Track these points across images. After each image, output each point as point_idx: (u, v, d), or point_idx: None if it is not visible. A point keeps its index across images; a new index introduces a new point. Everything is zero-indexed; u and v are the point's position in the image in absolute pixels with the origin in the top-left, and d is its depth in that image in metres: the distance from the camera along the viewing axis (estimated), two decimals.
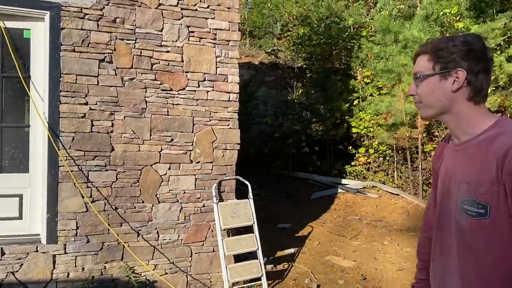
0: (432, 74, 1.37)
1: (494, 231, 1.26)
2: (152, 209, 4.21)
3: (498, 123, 1.32)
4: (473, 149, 1.34)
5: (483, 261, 1.29)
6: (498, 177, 1.22)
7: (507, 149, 1.20)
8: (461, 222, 1.34)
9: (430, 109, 1.41)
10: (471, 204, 1.29)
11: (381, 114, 8.29)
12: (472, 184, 1.30)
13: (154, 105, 4.19)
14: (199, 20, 4.36)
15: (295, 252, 5.40)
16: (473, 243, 1.31)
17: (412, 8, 10.20)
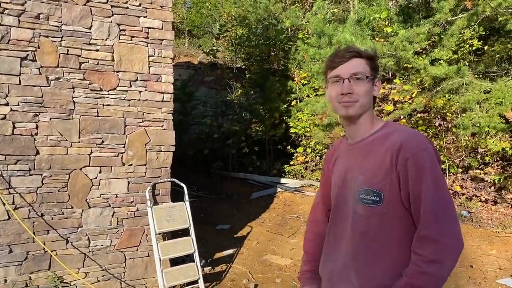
0: (373, 78, 1.52)
1: (387, 216, 1.41)
2: (82, 215, 4.02)
3: (386, 125, 1.53)
4: (368, 146, 1.51)
5: (377, 246, 1.44)
6: (392, 168, 1.39)
7: (400, 144, 1.39)
8: (358, 211, 1.47)
9: (361, 108, 1.50)
10: (367, 193, 1.44)
11: (317, 114, 8.51)
12: (367, 176, 1.45)
13: (83, 106, 4.01)
14: (130, 18, 4.22)
15: (234, 253, 5.40)
16: (368, 229, 1.45)
17: (346, 12, 10.60)
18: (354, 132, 1.56)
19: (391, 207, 1.40)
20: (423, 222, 1.34)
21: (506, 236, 5.86)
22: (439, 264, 1.31)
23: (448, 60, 7.96)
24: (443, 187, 1.37)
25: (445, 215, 1.34)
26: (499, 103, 5.99)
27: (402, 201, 1.39)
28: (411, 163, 1.35)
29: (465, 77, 6.45)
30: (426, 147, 1.39)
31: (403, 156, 1.37)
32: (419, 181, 1.35)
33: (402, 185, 1.37)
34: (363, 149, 1.52)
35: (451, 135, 7.89)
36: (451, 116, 7.76)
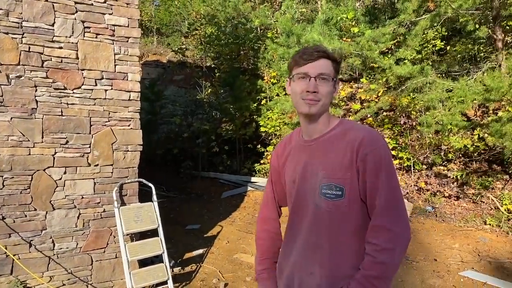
0: (335, 80, 1.57)
1: (348, 210, 1.48)
2: (46, 217, 3.91)
3: (342, 123, 1.59)
4: (327, 142, 1.56)
5: (338, 238, 1.50)
6: (352, 163, 1.46)
7: (361, 140, 1.47)
8: (321, 205, 1.52)
9: (322, 107, 1.55)
10: (330, 188, 1.50)
11: (287, 113, 8.57)
12: (329, 171, 1.51)
13: (46, 105, 3.89)
14: (95, 15, 4.13)
15: (204, 252, 5.38)
16: (330, 222, 1.51)
17: (314, 12, 10.72)
18: (312, 130, 1.60)
19: (352, 200, 1.47)
20: (376, 212, 1.43)
21: (468, 230, 6.09)
22: (392, 251, 1.39)
23: (413, 60, 8.19)
24: (396, 181, 1.48)
25: (397, 207, 1.44)
26: (460, 102, 6.21)
27: (360, 194, 1.47)
28: (370, 158, 1.44)
29: (429, 76, 6.65)
30: (383, 143, 1.48)
31: (363, 151, 1.45)
32: (376, 174, 1.44)
33: (361, 179, 1.46)
34: (322, 145, 1.57)
35: (416, 132, 8.12)
36: (415, 114, 7.99)
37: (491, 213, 6.45)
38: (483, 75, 6.70)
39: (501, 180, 7.03)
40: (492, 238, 5.77)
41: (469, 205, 6.86)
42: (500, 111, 6.81)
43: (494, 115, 6.91)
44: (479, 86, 5.92)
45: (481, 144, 7.07)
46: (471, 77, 6.94)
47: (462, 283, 4.49)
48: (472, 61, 8.40)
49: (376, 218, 1.43)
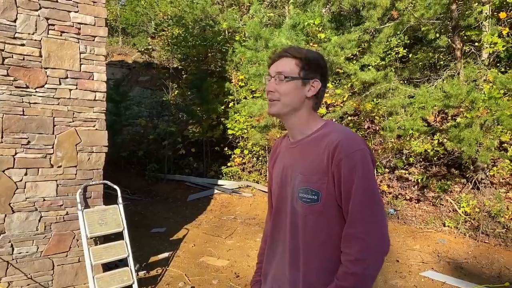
0: (298, 78, 1.51)
1: (324, 215, 1.45)
2: (5, 220, 3.75)
3: (326, 125, 1.55)
4: (307, 145, 1.53)
5: (313, 243, 1.48)
6: (328, 167, 1.42)
7: (336, 144, 1.42)
8: (297, 209, 1.50)
9: (284, 107, 1.53)
10: (306, 192, 1.47)
11: (254, 116, 8.62)
12: (306, 175, 1.48)
13: (7, 104, 3.74)
14: (60, 12, 4.01)
15: (170, 256, 5.31)
16: (305, 227, 1.48)
17: (281, 17, 10.84)
18: (292, 131, 1.59)
19: (328, 205, 1.43)
20: (349, 220, 1.39)
21: (428, 232, 6.31)
22: (364, 262, 1.35)
23: (377, 66, 8.43)
24: (373, 187, 1.41)
25: (371, 215, 1.38)
26: (421, 108, 6.44)
27: (336, 200, 1.43)
28: (345, 163, 1.38)
29: (392, 82, 6.86)
30: (360, 148, 1.42)
31: (337, 156, 1.40)
32: (351, 180, 1.38)
33: (336, 184, 1.41)
34: (303, 148, 1.54)
35: (379, 137, 8.36)
36: (378, 119, 8.22)
37: (449, 215, 6.71)
38: (443, 82, 6.98)
39: (459, 184, 7.34)
40: (450, 239, 6.00)
41: (429, 208, 7.12)
42: (458, 117, 7.11)
43: (453, 121, 7.21)
44: (439, 93, 6.16)
45: (441, 149, 7.36)
46: (431, 84, 7.21)
47: (423, 283, 4.65)
48: (432, 69, 8.73)
49: (348, 226, 1.39)
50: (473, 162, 7.03)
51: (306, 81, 1.51)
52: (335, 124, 1.57)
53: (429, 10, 6.39)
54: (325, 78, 1.57)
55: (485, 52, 7.15)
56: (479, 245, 5.77)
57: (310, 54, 1.54)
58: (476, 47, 7.43)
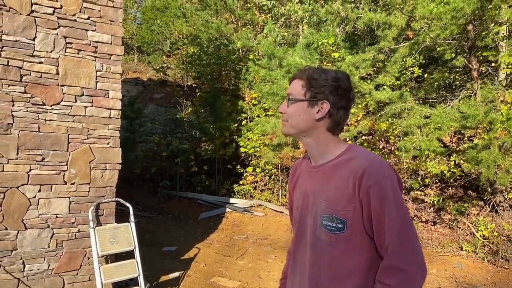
0: (302, 100, 1.48)
1: (350, 244, 1.38)
2: (18, 237, 3.74)
3: (349, 149, 1.48)
4: (330, 171, 1.47)
5: (338, 273, 1.41)
6: (354, 194, 1.36)
7: (363, 170, 1.35)
8: (321, 237, 1.44)
9: (292, 128, 1.51)
10: (331, 220, 1.40)
11: (267, 134, 8.60)
12: (330, 202, 1.42)
13: (23, 121, 3.77)
14: (78, 31, 4.07)
15: (180, 275, 5.24)
16: (331, 256, 1.42)
17: (296, 36, 10.90)
18: (311, 154, 1.54)
19: (355, 234, 1.37)
20: (390, 251, 1.33)
21: (445, 256, 6.14)
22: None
23: (391, 86, 8.37)
24: (405, 215, 1.35)
25: (410, 244, 1.33)
26: (437, 128, 6.34)
27: (365, 228, 1.37)
28: (373, 191, 1.33)
29: (407, 102, 6.79)
30: (388, 174, 1.35)
31: (365, 183, 1.33)
32: (383, 209, 1.32)
33: (365, 213, 1.35)
34: (326, 173, 1.48)
35: (394, 157, 8.24)
36: (393, 139, 8.12)
37: (467, 239, 6.53)
38: (459, 102, 6.89)
39: (476, 206, 7.16)
40: (468, 264, 5.83)
41: (446, 231, 6.94)
42: (475, 138, 6.98)
43: (470, 142, 7.08)
44: (456, 114, 6.07)
45: (457, 170, 7.22)
46: (448, 104, 7.12)
47: None
48: (448, 89, 8.65)
49: (388, 258, 1.33)
50: (491, 184, 6.87)
51: (313, 102, 1.47)
52: (358, 148, 1.49)
53: (445, 30, 6.35)
54: (340, 98, 1.47)
55: (502, 72, 7.06)
56: (499, 271, 5.59)
57: (312, 73, 1.49)
58: (493, 67, 7.34)
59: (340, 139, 1.52)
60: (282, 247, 6.57)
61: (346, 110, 1.49)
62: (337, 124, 1.49)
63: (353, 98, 1.51)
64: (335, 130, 1.49)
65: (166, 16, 16.27)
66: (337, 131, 1.50)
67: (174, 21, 15.41)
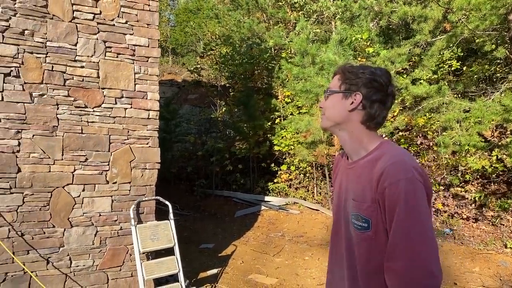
0: (337, 92, 1.52)
1: (375, 243, 1.39)
2: (64, 234, 3.92)
3: (381, 146, 1.47)
4: (361, 168, 1.48)
5: (366, 270, 1.42)
6: (375, 195, 1.37)
7: (382, 171, 1.35)
8: (351, 234, 1.47)
9: (328, 121, 1.55)
10: (357, 219, 1.43)
11: (301, 132, 8.57)
12: (358, 201, 1.44)
13: (67, 123, 3.95)
14: (116, 35, 4.22)
15: (218, 272, 5.32)
16: (358, 253, 1.45)
17: (328, 32, 10.80)
18: (347, 150, 1.56)
19: (378, 233, 1.38)
20: (389, 252, 1.33)
21: (488, 253, 5.94)
22: None
23: (429, 80, 8.17)
24: (417, 218, 1.30)
25: (413, 248, 1.29)
26: (478, 122, 6.14)
27: (386, 228, 1.37)
28: (388, 192, 1.32)
29: (445, 96, 6.61)
30: (405, 176, 1.31)
31: (382, 184, 1.34)
32: (392, 211, 1.32)
33: (383, 214, 1.36)
34: (357, 171, 1.49)
35: (432, 153, 8.04)
36: (432, 134, 7.92)
37: (511, 236, 6.30)
38: (501, 95, 6.64)
39: None
40: None
41: (488, 228, 6.72)
42: None
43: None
44: (498, 107, 5.86)
45: (500, 165, 6.96)
46: (488, 98, 6.88)
47: None
48: (488, 82, 8.34)
49: (388, 259, 1.33)
50: None
51: (347, 94, 1.49)
52: (390, 146, 1.47)
53: (485, 21, 6.14)
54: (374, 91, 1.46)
55: None
56: None
57: (350, 67, 1.52)
58: None
59: (375, 135, 1.52)
60: (319, 244, 6.55)
61: (382, 104, 1.48)
62: (372, 118, 1.48)
63: (392, 94, 1.50)
64: (369, 124, 1.49)
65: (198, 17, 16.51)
66: (372, 125, 1.49)
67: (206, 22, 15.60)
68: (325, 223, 7.64)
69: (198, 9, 16.97)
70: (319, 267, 5.51)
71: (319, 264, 5.63)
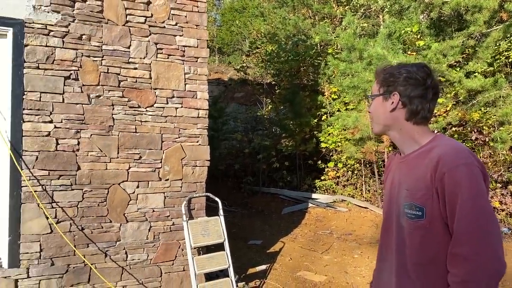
0: (377, 95, 1.57)
1: (429, 231, 1.40)
2: (120, 229, 4.11)
3: (435, 139, 1.50)
4: (413, 160, 1.50)
5: (419, 262, 1.42)
6: (431, 182, 1.38)
7: (439, 157, 1.37)
8: (403, 224, 1.48)
9: (376, 125, 1.61)
10: (410, 208, 1.44)
11: (348, 129, 8.46)
12: (411, 190, 1.46)
13: (122, 123, 4.13)
14: (167, 37, 4.35)
15: (267, 268, 5.37)
16: (411, 244, 1.45)
17: (376, 26, 10.56)
18: (399, 147, 1.59)
19: (433, 222, 1.38)
20: (455, 239, 1.32)
21: None
22: (474, 284, 1.27)
23: (484, 73, 7.79)
24: (481, 203, 1.31)
25: (482, 233, 1.29)
26: None
27: (442, 216, 1.37)
28: (448, 178, 1.32)
29: (502, 89, 6.29)
30: (465, 161, 1.34)
31: (440, 170, 1.35)
32: (455, 196, 1.31)
33: (441, 200, 1.35)
34: (409, 163, 1.52)
35: (488, 149, 7.67)
36: (487, 129, 7.56)
37: None
38: None
39: None
40: None
41: None
42: None
43: None
44: None
45: None
46: None
47: None
48: None
49: (454, 245, 1.32)
50: None
51: (386, 96, 1.54)
52: (443, 138, 1.49)
53: None
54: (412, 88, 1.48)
55: None
56: None
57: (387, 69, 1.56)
58: None
59: (427, 130, 1.54)
60: (368, 243, 6.44)
61: (422, 98, 1.49)
62: (415, 113, 1.50)
63: (432, 86, 1.50)
64: (415, 120, 1.51)
65: (244, 16, 16.65)
66: (419, 120, 1.51)
67: (252, 21, 15.71)
68: (375, 221, 7.50)
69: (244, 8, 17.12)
70: (368, 266, 5.43)
71: (369, 263, 5.55)
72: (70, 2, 3.94)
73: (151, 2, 4.29)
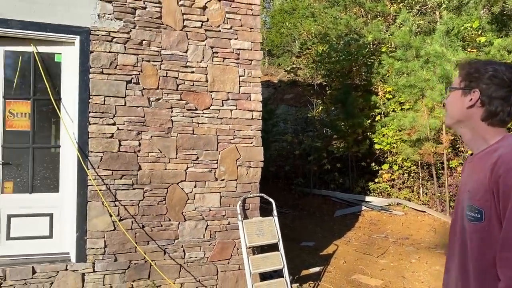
0: (456, 88, 1.51)
1: (488, 234, 1.34)
2: (179, 227, 4.24)
3: (503, 139, 1.42)
4: (478, 161, 1.46)
5: (479, 267, 1.37)
6: (489, 184, 1.33)
7: (496, 160, 1.32)
8: (465, 226, 1.45)
9: (448, 118, 1.56)
10: (471, 210, 1.40)
11: (404, 129, 8.21)
12: (472, 192, 1.42)
13: (180, 125, 4.26)
14: (222, 40, 4.45)
15: (321, 270, 5.33)
16: (470, 248, 1.41)
17: (432, 23, 10.20)
18: (470, 146, 1.55)
19: (492, 225, 1.33)
20: (502, 241, 1.27)
21: None
22: None
23: None
24: None
25: None
26: None
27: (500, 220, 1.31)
28: (503, 179, 1.27)
29: None
30: None
31: (496, 172, 1.30)
32: (507, 199, 1.26)
33: (497, 202, 1.30)
34: (474, 164, 1.48)
35: None
36: None
37: None
38: None
39: None
40: None
41: None
42: None
43: None
44: None
45: None
46: None
47: None
48: None
49: (502, 248, 1.28)
50: None
51: (466, 91, 1.47)
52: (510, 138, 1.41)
53: None
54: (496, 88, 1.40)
55: None
56: None
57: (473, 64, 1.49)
58: None
59: (502, 131, 1.45)
60: (426, 248, 6.22)
61: (504, 101, 1.40)
62: (493, 115, 1.42)
63: None
64: (491, 121, 1.44)
65: (294, 17, 16.63)
66: (495, 122, 1.43)
67: (302, 22, 15.65)
68: (433, 226, 7.23)
69: (294, 9, 17.10)
70: (427, 271, 5.25)
71: (428, 268, 5.36)
72: (131, 10, 4.13)
73: (207, 7, 4.40)
